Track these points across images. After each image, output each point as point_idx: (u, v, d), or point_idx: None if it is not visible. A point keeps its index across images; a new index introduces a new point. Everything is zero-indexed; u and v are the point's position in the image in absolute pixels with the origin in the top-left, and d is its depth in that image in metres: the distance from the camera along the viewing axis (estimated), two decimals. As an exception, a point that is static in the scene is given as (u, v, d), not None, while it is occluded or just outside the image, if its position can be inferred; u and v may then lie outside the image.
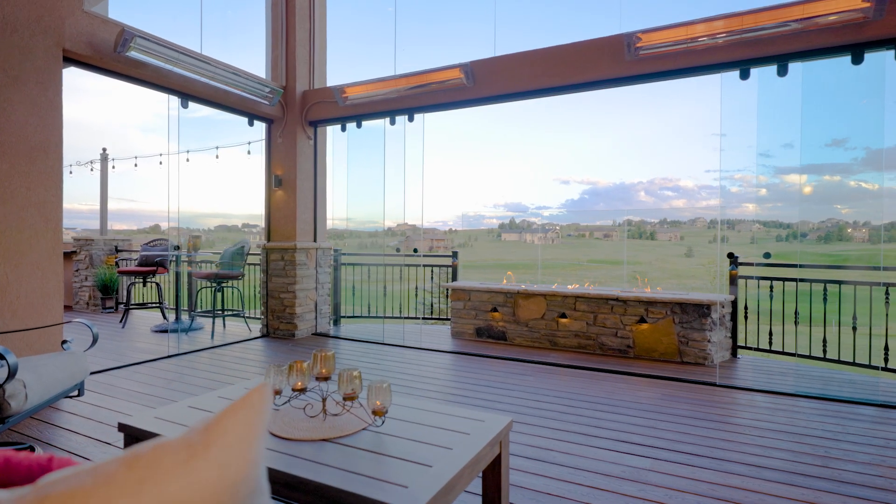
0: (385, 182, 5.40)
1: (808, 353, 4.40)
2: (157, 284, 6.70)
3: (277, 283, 5.63)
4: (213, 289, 5.76)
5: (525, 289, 5.29)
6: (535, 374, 4.15)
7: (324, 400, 1.77)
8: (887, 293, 3.99)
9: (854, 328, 4.14)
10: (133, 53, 4.00)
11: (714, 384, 3.85)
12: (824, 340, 4.34)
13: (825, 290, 4.30)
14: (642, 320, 4.74)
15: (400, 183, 5.32)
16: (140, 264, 6.69)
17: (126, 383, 3.77)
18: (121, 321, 6.32)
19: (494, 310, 5.47)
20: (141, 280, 6.65)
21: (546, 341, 5.18)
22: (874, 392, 3.67)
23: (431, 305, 6.50)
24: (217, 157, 6.57)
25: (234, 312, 6.09)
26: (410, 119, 5.09)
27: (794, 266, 4.68)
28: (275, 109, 5.53)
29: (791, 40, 3.45)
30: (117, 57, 3.99)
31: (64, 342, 2.74)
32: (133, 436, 1.70)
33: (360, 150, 5.71)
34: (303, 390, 1.80)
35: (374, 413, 1.65)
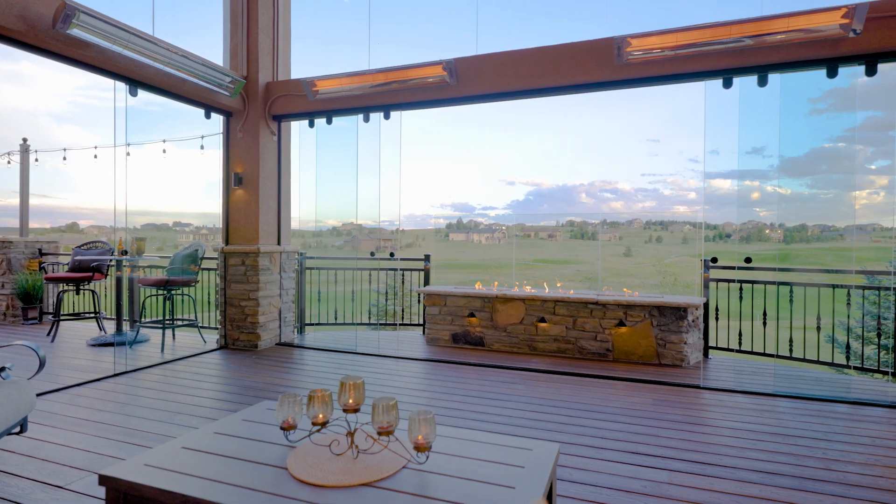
0: (358, 181, 5.12)
1: (775, 353, 4.59)
2: (94, 292, 6.02)
3: (237, 290, 5.20)
4: (163, 297, 5.23)
5: (503, 293, 5.19)
6: (523, 381, 4.05)
7: (352, 434, 1.54)
8: (849, 295, 4.22)
9: (818, 328, 4.36)
10: (76, 31, 3.51)
11: (698, 387, 3.91)
12: (790, 340, 4.54)
13: (791, 291, 4.50)
14: (621, 324, 4.77)
15: (375, 183, 5.07)
16: (73, 269, 5.98)
17: (69, 410, 3.29)
18: (49, 334, 5.62)
19: (471, 315, 5.32)
20: (73, 287, 5.95)
21: (525, 346, 5.10)
22: (847, 390, 3.86)
23: (402, 311, 6.27)
24: (164, 151, 6.00)
25: (189, 322, 5.57)
26: (387, 117, 4.84)
27: (771, 269, 4.86)
28: (235, 102, 5.09)
29: (773, 52, 3.54)
30: (56, 34, 3.49)
31: (2, 369, 2.31)
32: (121, 490, 1.39)
33: (329, 149, 5.39)
34: (325, 423, 1.57)
35: (417, 448, 1.45)
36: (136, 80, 4.19)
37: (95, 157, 6.90)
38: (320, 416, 1.56)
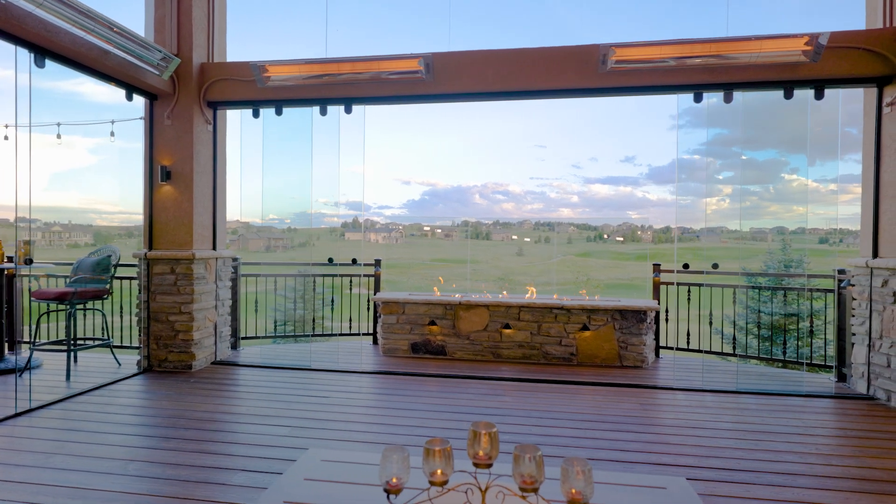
0: (312, 176, 4.63)
1: (720, 350, 4.97)
2: (-43, 309, 4.77)
3: (165, 303, 4.43)
4: (66, 312, 4.28)
5: (467, 300, 5.02)
6: (507, 392, 3.91)
7: (483, 491, 1.26)
8: (785, 296, 4.70)
9: (759, 326, 4.79)
10: (-32, -25, 2.69)
11: (672, 388, 4.07)
12: (734, 338, 4.94)
13: (734, 294, 4.91)
14: (585, 328, 4.84)
15: (336, 177, 4.62)
16: (-76, 281, 4.69)
17: (-35, 470, 2.49)
18: None
19: (432, 323, 5.08)
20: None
21: (489, 354, 4.98)
22: (798, 384, 4.25)
23: (350, 320, 5.83)
24: (58, 136, 4.95)
25: (103, 342, 4.62)
26: (348, 111, 4.43)
27: (736, 273, 5.23)
28: (163, 83, 4.33)
29: (741, 71, 3.80)
30: (-62, -24, 2.65)
31: None
32: None
33: (273, 143, 4.82)
34: (444, 483, 1.27)
35: (572, 505, 1.22)
36: (46, 48, 3.35)
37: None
38: (439, 472, 1.27)
